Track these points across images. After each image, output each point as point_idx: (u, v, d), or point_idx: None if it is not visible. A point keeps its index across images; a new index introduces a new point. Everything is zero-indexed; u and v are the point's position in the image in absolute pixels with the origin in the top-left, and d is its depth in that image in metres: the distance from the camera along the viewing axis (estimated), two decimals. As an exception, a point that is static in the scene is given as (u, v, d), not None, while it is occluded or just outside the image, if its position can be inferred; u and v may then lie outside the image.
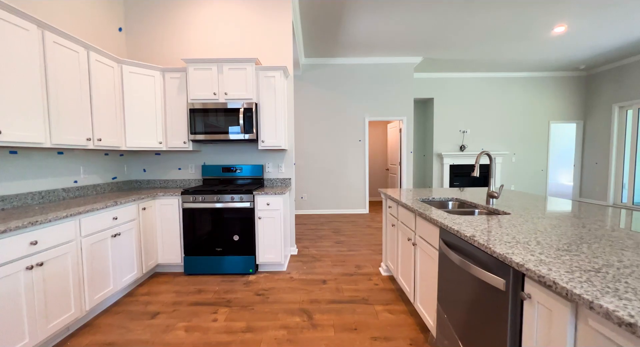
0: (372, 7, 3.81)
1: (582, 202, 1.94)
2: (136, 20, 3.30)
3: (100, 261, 2.14)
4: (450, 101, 6.98)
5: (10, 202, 2.02)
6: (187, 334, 1.93)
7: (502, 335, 1.02)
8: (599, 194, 6.77)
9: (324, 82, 5.94)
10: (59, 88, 2.10)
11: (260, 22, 3.31)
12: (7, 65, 1.74)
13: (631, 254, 0.97)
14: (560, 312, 0.78)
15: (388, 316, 2.11)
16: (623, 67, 6.14)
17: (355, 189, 6.09)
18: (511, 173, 7.16)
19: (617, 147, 6.40)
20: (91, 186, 2.76)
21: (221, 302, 2.34)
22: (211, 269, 2.86)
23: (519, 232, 1.24)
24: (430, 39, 4.88)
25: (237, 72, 2.96)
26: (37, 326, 1.63)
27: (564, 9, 3.90)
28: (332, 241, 4.01)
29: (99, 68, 2.50)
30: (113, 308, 2.26)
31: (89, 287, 2.01)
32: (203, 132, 3.00)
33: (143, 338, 1.89)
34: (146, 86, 2.93)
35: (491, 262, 1.08)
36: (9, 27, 1.75)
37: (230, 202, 2.83)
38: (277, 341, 1.85)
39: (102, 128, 2.53)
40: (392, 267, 2.57)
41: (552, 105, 7.05)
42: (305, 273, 2.91)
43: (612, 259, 0.92)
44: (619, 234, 1.20)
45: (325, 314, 2.15)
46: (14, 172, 2.08)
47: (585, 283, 0.75)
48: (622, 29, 4.52)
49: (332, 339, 1.85)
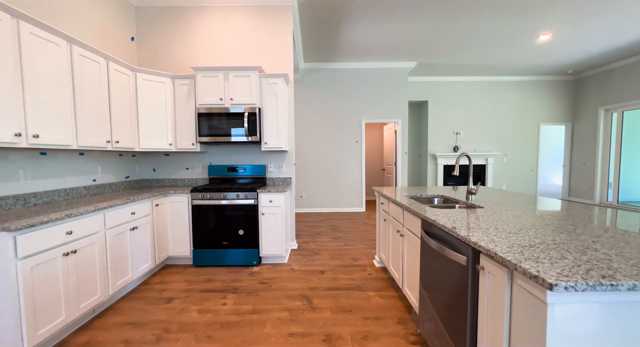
0: (368, 16, 4.06)
1: (552, 199, 2.20)
2: (147, 30, 3.54)
3: (121, 251, 2.37)
4: (444, 104, 7.24)
5: (40, 198, 2.26)
6: (200, 315, 2.17)
7: (464, 300, 1.26)
8: (586, 193, 7.05)
9: (323, 86, 6.19)
10: (84, 95, 2.34)
11: (263, 32, 3.55)
12: (43, 76, 1.98)
13: (565, 236, 1.22)
14: (500, 276, 1.03)
15: (379, 301, 2.36)
16: (608, 72, 6.43)
17: (353, 188, 6.34)
18: (503, 173, 7.43)
19: (602, 148, 6.69)
20: (108, 184, 3.00)
21: (229, 289, 2.58)
22: (218, 261, 3.10)
23: (484, 221, 1.49)
24: (424, 46, 5.14)
25: (242, 79, 3.20)
26: (71, 305, 1.87)
27: (547, 19, 4.17)
28: (330, 237, 4.25)
29: (117, 76, 2.73)
30: (131, 295, 2.50)
31: (112, 274, 2.25)
32: (210, 135, 3.23)
33: (161, 318, 2.13)
34: (157, 92, 3.16)
35: (458, 244, 1.33)
36: (44, 43, 1.99)
37: (235, 200, 3.07)
38: (281, 320, 2.09)
39: (119, 131, 2.77)
40: (384, 258, 2.82)
41: (542, 108, 7.34)
42: (305, 265, 3.16)
43: (548, 239, 1.17)
44: (565, 222, 1.45)
45: (323, 299, 2.40)
46: (43, 171, 2.31)
47: (517, 254, 1.00)
48: (605, 36, 4.79)
49: (329, 319, 2.10)
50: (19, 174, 2.12)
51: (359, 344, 1.82)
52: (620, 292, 0.80)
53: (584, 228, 1.34)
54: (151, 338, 1.90)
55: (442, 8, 3.82)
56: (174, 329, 1.99)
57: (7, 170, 2.04)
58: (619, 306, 0.82)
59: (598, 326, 0.83)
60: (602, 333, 0.83)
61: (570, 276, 0.82)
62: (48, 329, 1.71)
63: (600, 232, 1.28)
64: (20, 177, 2.13)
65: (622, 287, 0.78)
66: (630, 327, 0.83)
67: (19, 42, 1.82)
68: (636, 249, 1.05)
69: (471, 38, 4.81)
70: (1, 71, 1.71)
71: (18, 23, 1.81)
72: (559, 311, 0.82)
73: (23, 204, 2.12)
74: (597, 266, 0.89)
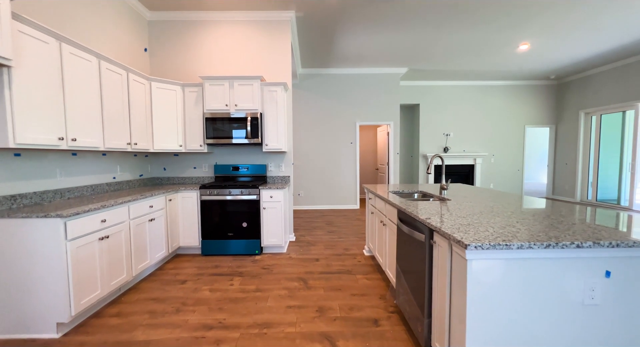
0: (360, 29, 4.43)
1: (511, 193, 2.58)
2: (158, 42, 3.89)
3: (141, 239, 2.73)
4: (434, 107, 7.63)
5: (72, 193, 2.61)
6: (211, 293, 2.53)
7: (424, 269, 1.64)
8: (568, 192, 7.47)
9: (319, 90, 6.56)
10: (110, 103, 2.69)
11: (264, 44, 3.91)
12: (78, 88, 2.33)
13: (499, 219, 1.59)
14: (444, 246, 1.40)
15: (366, 282, 2.73)
16: (587, 77, 6.84)
17: (347, 187, 6.72)
18: (490, 173, 7.83)
19: (583, 149, 7.11)
20: (125, 182, 3.35)
21: (235, 273, 2.94)
22: (224, 250, 3.47)
23: (445, 210, 1.86)
24: (413, 53, 5.52)
25: (245, 87, 3.56)
26: (105, 281, 2.23)
27: (523, 32, 4.55)
28: (325, 231, 4.62)
29: (135, 86, 3.08)
30: (149, 278, 2.86)
31: (134, 258, 2.61)
32: (216, 137, 3.59)
33: (178, 295, 2.49)
34: (169, 99, 3.52)
35: (421, 226, 1.70)
36: (79, 61, 2.34)
37: (239, 195, 3.43)
38: (281, 296, 2.46)
39: (137, 134, 3.12)
40: (372, 247, 3.19)
41: (527, 111, 7.74)
42: (302, 254, 3.52)
43: (484, 221, 1.54)
44: (507, 209, 1.83)
45: (317, 280, 2.77)
46: (74, 170, 2.66)
47: (454, 229, 1.37)
48: (580, 46, 5.19)
49: (322, 295, 2.47)
50: (56, 172, 2.47)
51: (346, 313, 2.19)
52: (512, 250, 1.17)
53: (518, 214, 1.72)
54: (172, 310, 2.26)
55: (428, 22, 4.20)
56: (190, 303, 2.35)
57: (47, 169, 2.39)
58: (513, 261, 1.19)
59: (501, 274, 1.20)
60: (504, 279, 1.20)
61: (482, 240, 1.19)
62: (88, 300, 2.07)
63: (528, 216, 1.65)
64: (57, 174, 2.48)
65: (513, 247, 1.15)
66: (523, 275, 1.20)
67: (61, 61, 2.17)
68: (542, 226, 1.42)
69: (456, 48, 5.20)
70: (49, 87, 2.06)
71: (60, 45, 2.17)
72: (475, 264, 1.20)
73: (60, 197, 2.47)
74: (506, 235, 1.27)
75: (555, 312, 1.22)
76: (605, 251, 1.19)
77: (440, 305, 1.46)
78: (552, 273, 1.21)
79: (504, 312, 1.21)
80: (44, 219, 1.86)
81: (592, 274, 1.21)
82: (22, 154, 2.18)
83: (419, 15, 4.01)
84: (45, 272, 1.89)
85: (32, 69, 1.95)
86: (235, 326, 2.03)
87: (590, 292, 1.21)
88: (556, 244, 1.16)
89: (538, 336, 1.22)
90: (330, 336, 1.92)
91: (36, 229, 1.87)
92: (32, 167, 2.26)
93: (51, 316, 1.91)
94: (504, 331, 1.21)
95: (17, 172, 2.15)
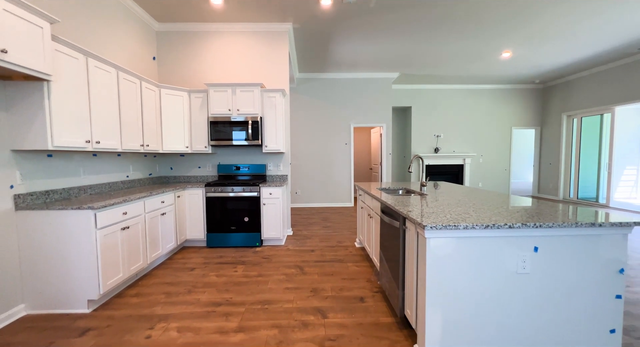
0: (354, 39, 4.77)
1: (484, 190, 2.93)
2: (166, 51, 4.20)
3: (154, 231, 3.05)
4: (425, 109, 8.00)
5: (93, 190, 2.92)
6: (218, 278, 2.86)
7: (398, 251, 1.97)
8: (552, 190, 7.86)
9: (315, 93, 6.89)
10: (126, 109, 3.00)
11: (263, 52, 4.24)
12: (100, 97, 2.64)
13: (460, 208, 1.94)
14: (413, 229, 1.74)
15: (355, 268, 3.07)
16: (569, 82, 7.24)
17: (342, 186, 7.06)
18: (479, 172, 8.21)
19: (565, 150, 7.50)
20: (137, 180, 3.66)
21: (238, 262, 3.27)
22: (227, 242, 3.79)
23: (420, 202, 2.20)
24: (404, 59, 5.87)
25: (246, 93, 3.89)
26: (125, 266, 2.55)
27: (505, 42, 4.92)
28: (320, 226, 4.96)
29: (147, 93, 3.40)
30: (161, 266, 3.18)
31: (149, 247, 2.92)
32: (219, 139, 3.91)
33: (189, 280, 2.81)
34: (176, 104, 3.83)
35: (396, 216, 2.04)
36: (102, 73, 2.66)
37: (241, 192, 3.76)
38: (279, 280, 2.79)
39: (148, 136, 3.43)
40: (362, 238, 3.53)
41: (513, 113, 8.13)
42: (299, 246, 3.86)
43: (446, 210, 1.88)
44: (472, 202, 2.17)
45: (312, 267, 3.10)
46: (94, 169, 2.98)
47: (419, 215, 1.71)
48: (561, 53, 5.56)
49: (316, 279, 2.80)
50: (79, 171, 2.79)
51: (336, 293, 2.53)
52: (460, 230, 1.51)
53: (478, 205, 2.06)
54: (184, 291, 2.58)
55: (417, 33, 4.54)
56: (200, 286, 2.68)
57: (72, 168, 2.70)
58: (462, 239, 1.54)
59: (453, 250, 1.54)
60: (455, 254, 1.54)
61: (437, 223, 1.53)
62: (112, 281, 2.39)
63: (484, 207, 2.00)
64: (81, 173, 2.80)
65: (460, 227, 1.49)
66: (469, 250, 1.54)
67: (87, 74, 2.48)
68: (491, 213, 1.77)
69: (444, 55, 5.56)
70: (78, 96, 2.38)
71: (87, 60, 2.48)
72: (432, 242, 1.53)
73: (84, 193, 2.79)
74: (457, 219, 1.61)
75: (495, 279, 1.56)
76: (533, 231, 1.54)
77: (410, 278, 1.80)
78: (492, 248, 1.55)
79: (456, 280, 1.55)
80: (77, 210, 2.18)
81: (523, 249, 1.56)
82: (53, 155, 2.50)
83: (410, 27, 4.36)
84: (78, 256, 2.21)
85: (66, 82, 2.26)
86: (241, 303, 2.36)
87: (522, 263, 1.56)
88: (493, 225, 1.50)
89: (482, 297, 1.56)
90: (322, 310, 2.25)
91: (71, 219, 2.19)
92: (61, 167, 2.58)
93: (83, 293, 2.23)
94: (455, 294, 1.55)
95: (49, 171, 2.46)
